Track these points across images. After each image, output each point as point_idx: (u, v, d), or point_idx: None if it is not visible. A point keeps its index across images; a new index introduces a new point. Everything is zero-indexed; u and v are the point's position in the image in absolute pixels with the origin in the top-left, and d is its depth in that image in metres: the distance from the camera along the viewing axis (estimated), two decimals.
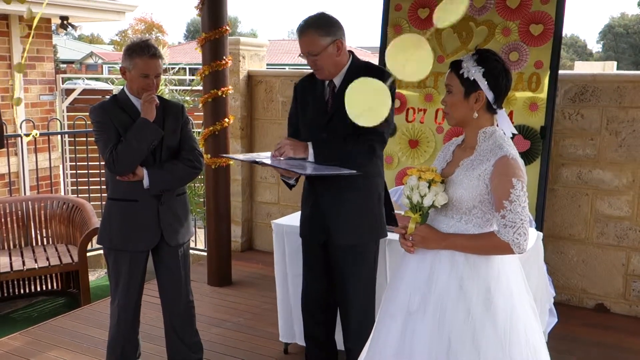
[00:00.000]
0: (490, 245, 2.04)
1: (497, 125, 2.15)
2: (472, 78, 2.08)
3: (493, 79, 2.08)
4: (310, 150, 2.62)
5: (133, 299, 3.04)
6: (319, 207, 2.82)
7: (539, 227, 3.95)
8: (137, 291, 3.04)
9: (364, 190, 2.76)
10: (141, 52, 2.80)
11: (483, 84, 2.07)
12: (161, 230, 2.97)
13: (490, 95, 2.09)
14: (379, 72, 2.72)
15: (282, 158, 2.66)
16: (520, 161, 2.06)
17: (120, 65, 2.87)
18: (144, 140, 2.82)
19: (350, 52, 2.77)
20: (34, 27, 3.69)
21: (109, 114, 2.86)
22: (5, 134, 5.72)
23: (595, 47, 55.24)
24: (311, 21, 2.67)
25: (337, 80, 2.75)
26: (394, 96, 2.70)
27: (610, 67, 13.60)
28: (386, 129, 2.67)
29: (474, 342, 2.02)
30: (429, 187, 2.09)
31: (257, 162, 2.73)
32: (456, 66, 2.12)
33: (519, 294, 2.12)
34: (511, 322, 2.05)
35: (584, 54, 49.05)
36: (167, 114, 2.98)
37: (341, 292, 2.88)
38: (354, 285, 2.84)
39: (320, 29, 2.64)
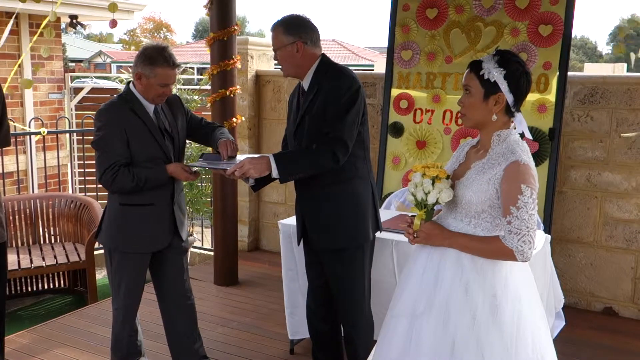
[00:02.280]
0: (494, 249, 2.01)
1: (515, 129, 2.11)
2: (492, 79, 2.03)
3: (514, 81, 2.04)
4: (273, 165, 2.58)
5: (138, 299, 3.05)
6: (300, 211, 2.87)
7: (547, 230, 3.92)
8: (141, 291, 3.05)
9: (338, 194, 2.74)
10: (164, 63, 2.76)
11: (504, 86, 2.03)
12: (175, 227, 2.99)
13: (510, 98, 2.05)
14: (335, 73, 2.70)
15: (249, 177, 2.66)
16: (533, 168, 2.01)
17: (136, 70, 2.80)
18: (149, 186, 2.82)
19: (322, 55, 2.76)
20: (41, 27, 3.70)
21: (120, 118, 2.80)
22: (13, 132, 5.75)
23: (605, 48, 54.92)
24: (282, 19, 2.74)
25: (305, 83, 2.76)
26: (352, 103, 2.63)
27: (620, 69, 13.51)
28: (349, 135, 2.63)
29: (478, 347, 2.00)
30: (432, 183, 2.07)
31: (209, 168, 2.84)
32: (476, 67, 2.08)
33: (528, 300, 2.08)
34: (518, 329, 2.02)
35: (594, 56, 48.80)
36: (172, 106, 3.00)
37: (334, 296, 2.91)
38: (339, 286, 2.85)
39: (285, 27, 2.69)
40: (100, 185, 6.77)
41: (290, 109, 2.92)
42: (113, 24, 3.83)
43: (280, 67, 2.79)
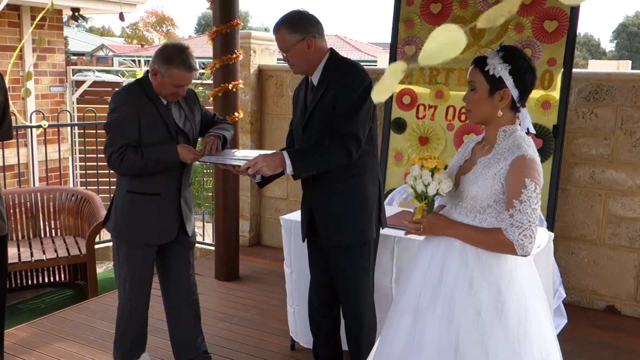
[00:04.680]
0: (494, 241, 2.00)
1: (520, 124, 2.10)
2: (498, 75, 2.02)
3: (520, 76, 2.03)
4: (288, 162, 2.56)
5: (146, 292, 3.03)
6: (308, 206, 2.84)
7: (550, 227, 3.90)
8: (149, 284, 3.03)
9: (347, 190, 2.72)
10: (180, 65, 2.73)
11: (509, 81, 2.02)
12: (182, 221, 2.97)
13: (515, 94, 2.04)
14: (346, 67, 2.68)
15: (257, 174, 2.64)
16: (538, 163, 2.01)
17: (153, 66, 2.79)
18: (160, 167, 2.80)
19: (330, 49, 2.74)
20: (46, 17, 3.66)
21: (135, 101, 2.79)
22: (14, 125, 5.73)
23: (608, 46, 54.88)
24: (283, 18, 2.68)
25: (315, 79, 2.73)
26: (364, 98, 2.61)
27: (624, 67, 13.44)
28: (362, 131, 2.62)
29: (482, 344, 1.99)
30: (432, 175, 2.06)
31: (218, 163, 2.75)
32: (481, 63, 2.06)
33: (532, 296, 2.07)
34: (525, 325, 2.01)
35: (597, 53, 48.70)
36: (188, 100, 2.98)
37: (339, 292, 2.90)
38: (345, 282, 2.84)
39: (290, 27, 2.64)
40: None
41: (296, 103, 2.89)
42: (122, 17, 3.80)
43: (290, 65, 2.73)
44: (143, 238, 2.92)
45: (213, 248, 5.19)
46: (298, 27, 2.64)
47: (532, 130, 2.14)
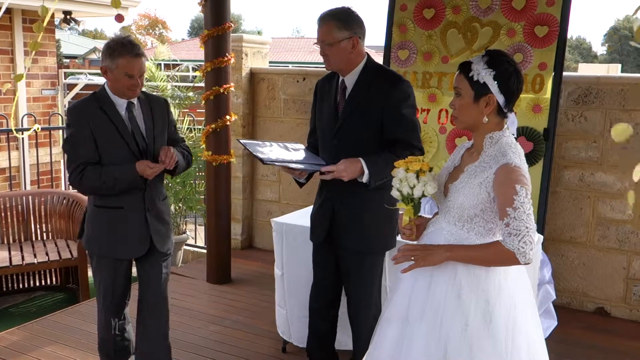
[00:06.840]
0: (495, 254, 1.95)
1: (508, 129, 2.08)
2: (482, 81, 1.99)
3: (504, 81, 1.99)
4: (366, 171, 2.57)
5: (117, 302, 2.99)
6: (332, 210, 2.80)
7: (540, 230, 3.92)
8: (121, 295, 2.99)
9: (377, 199, 2.71)
10: (124, 52, 2.68)
11: (494, 87, 1.99)
12: (150, 237, 2.89)
13: (501, 99, 2.01)
14: (394, 78, 2.69)
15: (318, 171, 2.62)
16: (525, 169, 1.97)
17: (101, 66, 2.75)
18: (119, 186, 2.75)
19: (367, 54, 2.73)
20: (45, 22, 3.63)
21: (86, 117, 2.74)
22: (5, 128, 5.71)
23: (600, 49, 55.16)
24: (334, 11, 2.66)
25: (349, 81, 2.71)
26: (414, 108, 2.71)
27: (614, 70, 13.52)
28: (421, 141, 2.72)
29: (470, 355, 1.96)
30: (417, 177, 2.06)
31: (264, 161, 2.63)
32: (465, 68, 2.04)
33: (522, 306, 2.04)
34: (513, 336, 1.99)
35: (589, 56, 48.99)
36: (155, 110, 2.91)
37: (349, 295, 2.90)
38: (362, 288, 2.84)
39: (340, 22, 2.62)
40: None
41: (324, 106, 2.83)
42: (120, 18, 3.75)
43: (324, 60, 2.68)
44: (110, 253, 2.87)
45: (205, 251, 5.18)
46: (348, 25, 2.61)
47: (514, 135, 2.13)
